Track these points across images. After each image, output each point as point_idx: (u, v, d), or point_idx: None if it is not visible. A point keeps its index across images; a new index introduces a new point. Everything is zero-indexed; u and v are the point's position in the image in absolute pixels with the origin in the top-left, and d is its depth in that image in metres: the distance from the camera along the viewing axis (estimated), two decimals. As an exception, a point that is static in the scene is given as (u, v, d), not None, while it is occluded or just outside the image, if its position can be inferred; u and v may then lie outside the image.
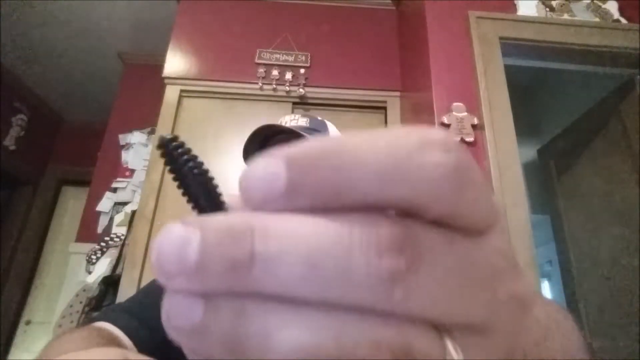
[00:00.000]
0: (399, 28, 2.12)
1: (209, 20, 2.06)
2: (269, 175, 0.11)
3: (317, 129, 0.70)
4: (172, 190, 1.72)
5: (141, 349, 0.42)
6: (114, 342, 0.44)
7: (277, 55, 1.98)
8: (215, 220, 0.11)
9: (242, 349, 0.10)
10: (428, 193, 0.10)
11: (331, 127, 0.73)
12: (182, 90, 1.90)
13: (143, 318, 0.50)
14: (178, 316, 0.11)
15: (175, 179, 0.13)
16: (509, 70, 1.52)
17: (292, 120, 0.71)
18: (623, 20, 1.65)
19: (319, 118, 0.74)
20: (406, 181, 0.10)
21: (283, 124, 0.70)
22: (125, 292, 1.53)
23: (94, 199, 2.26)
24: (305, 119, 0.71)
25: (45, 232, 3.12)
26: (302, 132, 0.65)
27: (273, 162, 0.11)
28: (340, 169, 0.10)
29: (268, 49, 2.00)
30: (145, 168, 1.84)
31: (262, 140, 0.70)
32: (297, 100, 1.92)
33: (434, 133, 0.11)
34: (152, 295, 0.56)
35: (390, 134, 0.11)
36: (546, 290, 4.36)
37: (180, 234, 0.11)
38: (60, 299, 2.12)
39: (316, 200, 0.11)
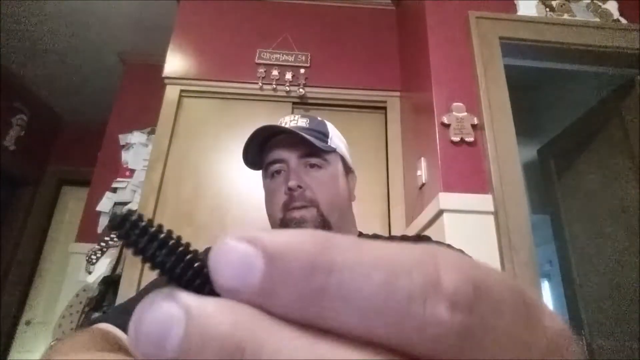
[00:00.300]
0: (399, 28, 2.12)
1: (209, 20, 2.06)
2: (243, 265, 0.10)
3: (316, 129, 0.69)
4: (172, 190, 1.72)
5: None
6: (114, 344, 0.44)
7: (277, 55, 1.98)
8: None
9: None
10: (422, 347, 0.09)
11: (331, 128, 0.72)
12: (182, 90, 1.90)
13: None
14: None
15: (141, 259, 0.12)
16: (509, 70, 1.52)
17: (292, 120, 0.70)
18: (623, 20, 1.65)
19: (319, 118, 0.74)
20: (400, 330, 0.09)
21: (283, 124, 0.69)
22: (125, 292, 1.53)
23: (94, 199, 2.26)
24: (305, 120, 0.70)
25: (45, 232, 3.12)
26: (301, 133, 0.64)
27: (251, 251, 0.10)
28: (324, 291, 0.09)
29: (268, 49, 2.00)
30: (145, 168, 1.84)
31: (262, 140, 0.70)
32: (297, 100, 1.92)
33: (448, 276, 0.10)
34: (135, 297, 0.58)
35: (395, 258, 0.10)
36: (546, 290, 4.36)
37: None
38: (60, 299, 2.12)
39: (292, 313, 0.10)
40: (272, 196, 0.68)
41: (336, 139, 0.72)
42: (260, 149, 0.71)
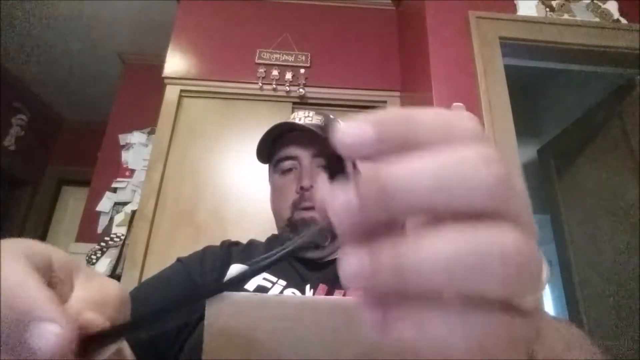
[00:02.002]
0: (399, 28, 2.12)
1: (209, 20, 2.06)
2: (360, 131, 0.15)
3: (330, 127, 0.68)
4: (172, 190, 1.72)
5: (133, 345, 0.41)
6: None
7: (277, 55, 1.98)
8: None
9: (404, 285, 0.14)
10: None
11: None
12: (182, 90, 1.90)
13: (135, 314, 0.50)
14: (351, 268, 0.14)
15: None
16: (509, 70, 1.52)
17: (307, 117, 0.69)
18: (623, 20, 1.65)
19: (332, 116, 0.72)
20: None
21: (297, 120, 0.68)
22: (125, 292, 1.53)
23: (94, 199, 2.26)
24: (319, 117, 0.69)
25: (45, 232, 3.12)
26: (315, 130, 0.63)
27: (362, 124, 0.15)
28: (409, 123, 0.15)
29: (268, 49, 2.00)
30: (145, 168, 1.84)
31: (275, 137, 0.69)
32: (297, 100, 1.92)
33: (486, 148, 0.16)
34: (143, 291, 0.57)
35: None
36: (546, 290, 4.36)
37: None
38: (60, 299, 2.12)
39: (395, 148, 0.15)
40: (281, 193, 0.66)
41: None
42: (272, 145, 0.69)
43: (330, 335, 0.32)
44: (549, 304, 3.51)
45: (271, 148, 0.68)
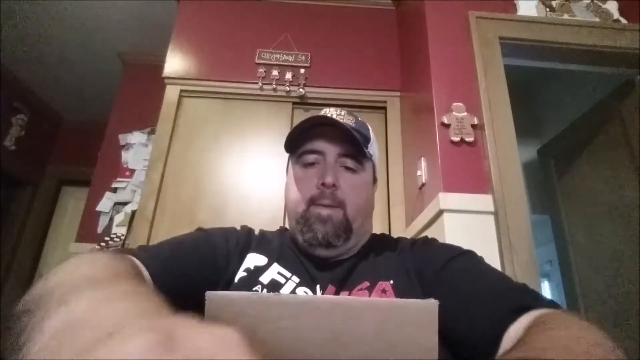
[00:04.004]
0: (399, 28, 2.12)
1: (209, 20, 2.06)
2: None
3: (361, 131, 0.66)
4: (172, 190, 1.72)
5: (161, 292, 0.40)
6: (140, 280, 0.44)
7: (277, 55, 1.98)
8: None
9: None
10: None
11: (372, 133, 0.70)
12: (182, 90, 1.90)
13: (169, 267, 0.54)
14: None
15: None
16: (509, 70, 1.52)
17: (339, 115, 0.67)
18: (623, 20, 1.65)
19: (360, 119, 0.70)
20: None
21: (328, 114, 0.66)
22: (125, 292, 1.53)
23: (94, 199, 2.26)
24: (351, 118, 0.67)
25: (45, 232, 3.12)
26: (348, 127, 0.62)
27: None
28: None
29: (268, 49, 2.00)
30: (145, 168, 1.84)
31: (304, 129, 0.65)
32: (297, 100, 1.92)
33: None
34: (183, 247, 0.60)
35: None
36: (546, 290, 4.35)
37: None
38: (60, 299, 2.12)
39: None
40: (300, 186, 0.64)
41: (374, 146, 0.70)
42: (299, 135, 0.66)
43: (331, 335, 0.32)
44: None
45: (298, 139, 0.66)
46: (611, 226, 1.85)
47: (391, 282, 0.58)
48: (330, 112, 0.67)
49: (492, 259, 1.21)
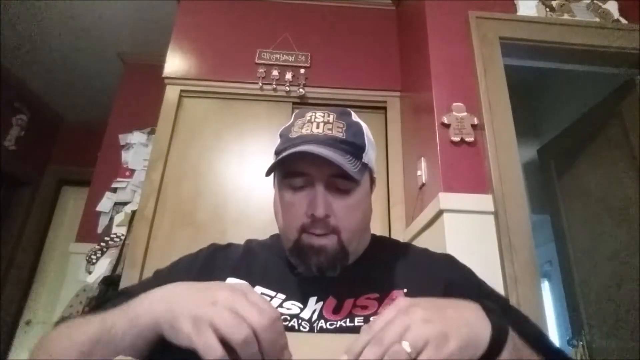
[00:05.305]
0: (399, 28, 2.12)
1: (209, 20, 2.06)
2: None
3: (354, 141, 0.58)
4: (172, 190, 1.72)
5: None
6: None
7: (277, 55, 1.98)
8: None
9: None
10: None
11: (367, 135, 0.62)
12: (182, 90, 1.90)
13: None
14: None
15: None
16: (509, 70, 1.52)
17: (326, 124, 0.59)
18: (623, 20, 1.65)
19: (354, 120, 0.62)
20: None
21: (314, 121, 0.59)
22: (125, 292, 1.53)
23: (94, 199, 2.26)
24: (341, 125, 0.59)
25: (45, 232, 3.12)
26: (337, 158, 0.54)
27: None
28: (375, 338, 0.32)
29: (268, 49, 2.00)
30: (145, 168, 1.84)
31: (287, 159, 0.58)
32: (297, 100, 1.92)
33: None
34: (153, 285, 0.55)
35: None
36: (546, 290, 4.35)
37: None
38: (60, 299, 2.12)
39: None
40: (289, 211, 0.59)
41: (371, 149, 0.62)
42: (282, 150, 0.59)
43: None
44: (549, 304, 3.50)
45: (281, 152, 0.58)
46: (611, 226, 1.85)
47: (405, 290, 0.57)
48: (317, 119, 0.59)
49: (492, 259, 1.21)
